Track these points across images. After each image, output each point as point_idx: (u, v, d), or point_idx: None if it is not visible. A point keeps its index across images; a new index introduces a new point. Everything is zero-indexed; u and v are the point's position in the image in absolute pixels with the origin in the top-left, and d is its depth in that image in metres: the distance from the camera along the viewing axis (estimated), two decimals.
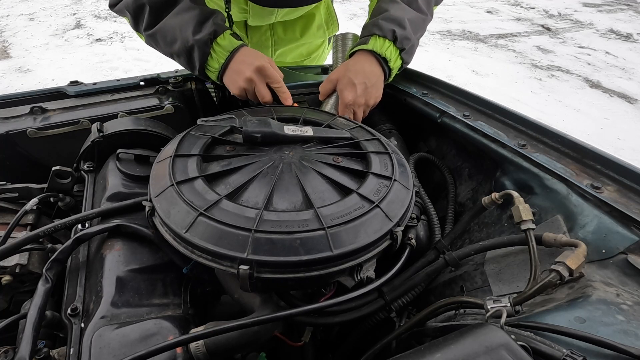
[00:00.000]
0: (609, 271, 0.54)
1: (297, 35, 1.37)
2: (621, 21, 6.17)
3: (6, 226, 0.66)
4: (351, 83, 0.88)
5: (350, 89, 0.87)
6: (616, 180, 0.63)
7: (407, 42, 0.90)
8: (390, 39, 0.88)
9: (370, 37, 0.90)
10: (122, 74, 3.81)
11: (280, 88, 0.87)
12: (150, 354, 0.44)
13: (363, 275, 0.57)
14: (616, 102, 3.86)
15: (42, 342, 0.53)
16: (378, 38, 0.89)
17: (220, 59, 0.87)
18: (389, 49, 0.89)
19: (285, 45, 1.39)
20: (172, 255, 0.60)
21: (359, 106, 0.89)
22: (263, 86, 0.87)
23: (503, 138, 0.76)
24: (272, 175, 0.61)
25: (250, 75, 0.85)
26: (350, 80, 0.88)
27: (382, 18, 0.91)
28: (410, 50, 0.93)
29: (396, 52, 0.90)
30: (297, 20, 1.34)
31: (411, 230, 0.69)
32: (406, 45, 0.90)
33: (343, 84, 0.89)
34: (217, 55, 0.87)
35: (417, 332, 0.62)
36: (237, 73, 0.87)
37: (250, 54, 0.88)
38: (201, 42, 0.85)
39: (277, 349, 0.70)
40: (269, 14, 1.21)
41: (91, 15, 5.50)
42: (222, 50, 0.86)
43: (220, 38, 0.86)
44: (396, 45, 0.89)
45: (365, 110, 0.92)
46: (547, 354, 0.41)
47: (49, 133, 0.91)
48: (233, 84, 0.88)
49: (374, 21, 0.92)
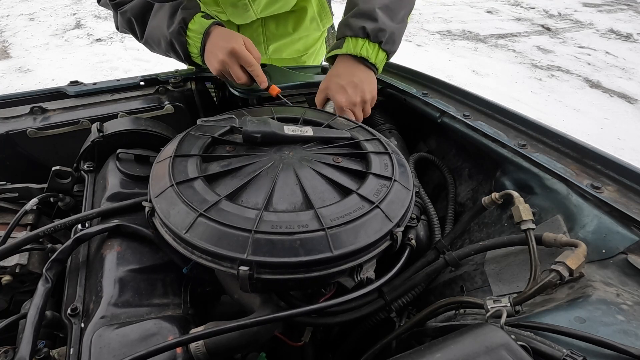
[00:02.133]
0: (609, 271, 0.54)
1: (290, 30, 1.34)
2: (621, 21, 6.16)
3: (6, 226, 0.66)
4: (339, 86, 0.87)
5: (342, 93, 0.87)
6: (616, 180, 0.63)
7: (382, 33, 0.87)
8: (362, 37, 0.87)
9: (343, 40, 0.89)
10: (122, 74, 3.81)
11: (254, 70, 0.87)
12: (150, 354, 0.44)
13: (363, 275, 0.57)
14: (616, 102, 3.86)
15: (42, 342, 0.53)
16: (350, 39, 0.88)
17: (197, 43, 0.89)
18: (364, 47, 0.87)
19: (278, 41, 1.36)
20: (172, 255, 0.60)
21: (354, 105, 0.87)
22: (237, 68, 0.87)
23: (503, 138, 0.76)
24: (272, 176, 0.61)
25: (222, 58, 0.86)
26: (338, 84, 0.87)
27: (351, 15, 0.90)
28: (391, 39, 0.89)
29: (374, 47, 0.88)
30: (289, 15, 1.31)
31: (411, 230, 0.69)
32: (382, 37, 0.87)
33: (333, 90, 0.88)
34: (193, 40, 0.90)
35: (417, 332, 0.62)
36: (212, 55, 0.88)
37: (223, 35, 0.88)
38: (175, 33, 0.90)
39: (277, 349, 0.70)
40: (244, 10, 1.19)
41: (91, 15, 5.50)
42: (194, 34, 0.89)
43: (191, 23, 0.89)
44: (371, 41, 0.87)
45: (365, 107, 0.90)
46: (547, 354, 0.41)
47: (49, 133, 0.91)
48: (210, 65, 0.91)
49: (344, 20, 0.91)
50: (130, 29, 1.00)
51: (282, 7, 1.24)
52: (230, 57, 0.86)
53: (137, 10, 0.95)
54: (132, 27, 0.99)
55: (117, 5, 0.97)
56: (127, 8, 0.95)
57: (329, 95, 0.90)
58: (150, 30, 0.96)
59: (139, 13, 0.95)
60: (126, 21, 0.98)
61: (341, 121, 0.82)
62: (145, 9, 0.94)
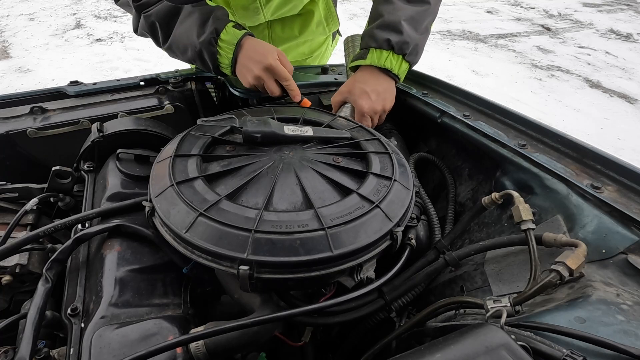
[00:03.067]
0: (609, 271, 0.54)
1: (296, 33, 1.34)
2: (621, 21, 6.17)
3: (6, 226, 0.66)
4: (364, 92, 0.88)
5: (365, 98, 0.87)
6: (616, 180, 0.63)
7: (406, 46, 0.88)
8: (387, 49, 0.88)
9: (367, 51, 0.90)
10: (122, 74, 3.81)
11: (289, 85, 0.88)
12: (150, 354, 0.44)
13: (363, 275, 0.57)
14: (616, 102, 3.86)
15: (42, 342, 0.53)
16: (375, 51, 0.88)
17: (228, 54, 0.88)
18: (388, 58, 0.88)
19: (284, 44, 1.37)
20: (172, 255, 0.60)
21: (375, 113, 0.89)
22: (272, 83, 0.87)
23: (503, 138, 0.76)
24: (272, 176, 0.61)
25: (258, 74, 0.86)
26: (362, 89, 0.88)
27: (376, 26, 0.90)
28: (415, 51, 0.91)
29: (397, 59, 0.89)
30: (295, 18, 1.31)
31: (411, 230, 0.69)
32: (406, 49, 0.88)
33: (356, 94, 0.88)
34: (224, 51, 0.88)
35: (417, 332, 0.61)
36: (246, 69, 0.88)
37: (257, 48, 0.88)
38: (206, 43, 0.87)
39: (277, 349, 0.70)
40: (255, 13, 1.19)
41: (91, 15, 5.50)
42: (227, 45, 0.87)
43: (223, 33, 0.87)
44: (396, 53, 0.88)
45: (382, 116, 0.92)
46: (547, 354, 0.41)
47: (49, 133, 0.91)
48: (243, 79, 0.90)
49: (369, 31, 0.91)
50: (151, 33, 0.97)
51: (290, 10, 1.25)
52: (267, 72, 0.86)
53: (163, 14, 0.92)
54: (155, 32, 0.96)
55: (141, 7, 0.94)
56: (152, 12, 0.92)
57: (351, 99, 0.90)
58: (177, 37, 0.93)
59: (165, 18, 0.92)
60: (149, 25, 0.95)
61: (341, 121, 0.82)
62: (172, 14, 0.92)
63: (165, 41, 0.95)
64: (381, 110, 0.90)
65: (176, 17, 0.92)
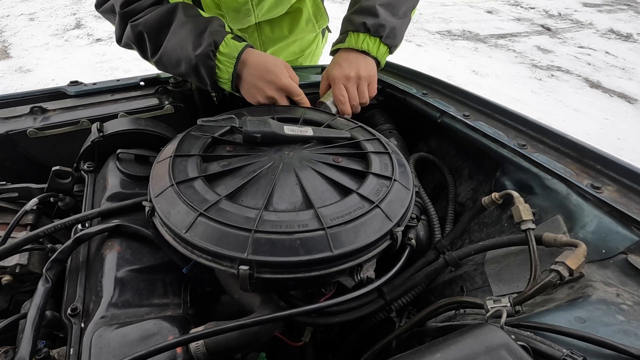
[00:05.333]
0: (609, 271, 0.54)
1: (286, 33, 1.32)
2: (621, 21, 6.17)
3: (6, 226, 0.66)
4: (336, 63, 0.91)
5: (336, 68, 0.90)
6: (616, 180, 0.63)
7: (382, 29, 0.89)
8: (363, 32, 0.89)
9: (346, 35, 0.92)
10: (122, 74, 3.81)
11: (301, 100, 0.87)
12: (150, 354, 0.44)
13: (363, 275, 0.57)
14: (616, 102, 3.86)
15: (42, 342, 0.53)
16: (352, 34, 0.90)
17: (229, 69, 0.81)
18: (365, 41, 0.90)
19: (274, 45, 1.34)
20: (172, 255, 0.60)
21: (348, 79, 0.88)
22: (284, 100, 0.86)
23: (503, 138, 0.76)
24: (272, 176, 0.61)
25: (271, 95, 0.83)
26: (336, 62, 0.91)
27: (353, 12, 0.92)
28: (392, 34, 0.91)
29: (374, 41, 0.90)
30: (284, 17, 1.29)
31: (411, 230, 0.69)
32: (382, 32, 0.89)
33: (329, 68, 0.91)
34: (224, 65, 0.81)
35: (417, 332, 0.61)
36: (257, 89, 0.83)
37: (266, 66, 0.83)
38: (203, 56, 0.80)
39: (277, 349, 0.70)
40: (246, 15, 1.16)
41: (91, 15, 5.49)
42: (226, 59, 0.81)
43: (222, 46, 0.80)
44: (372, 35, 0.89)
45: (360, 84, 0.90)
46: (547, 354, 0.41)
47: (49, 133, 0.91)
48: (251, 98, 0.86)
49: (347, 17, 0.94)
50: (138, 44, 0.89)
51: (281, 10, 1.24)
52: (280, 92, 0.84)
53: (153, 24, 0.84)
54: (142, 43, 0.88)
55: (127, 15, 0.86)
56: (140, 21, 0.85)
57: (327, 75, 0.91)
58: (168, 50, 0.84)
59: (155, 28, 0.84)
60: (136, 35, 0.86)
61: (341, 121, 0.82)
62: (163, 24, 0.84)
63: (154, 54, 0.87)
64: (355, 77, 0.88)
65: (167, 28, 0.84)
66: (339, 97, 0.88)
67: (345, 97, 0.88)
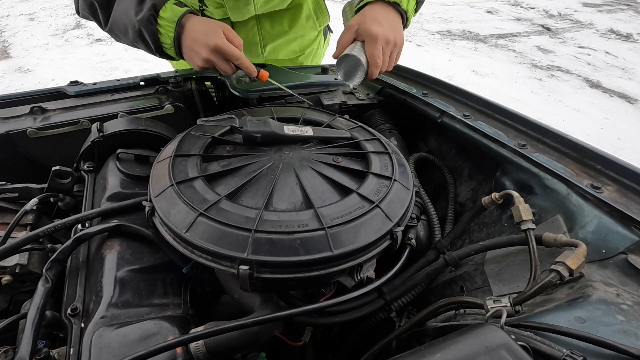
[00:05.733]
0: (609, 271, 0.54)
1: (286, 28, 1.31)
2: (621, 21, 6.17)
3: (6, 226, 0.66)
4: (375, 19, 0.81)
5: (377, 25, 0.80)
6: (616, 180, 0.63)
7: None
8: None
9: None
10: (122, 74, 3.81)
11: (242, 63, 0.83)
12: (150, 354, 0.44)
13: (363, 275, 0.57)
14: (616, 102, 3.86)
15: (42, 342, 0.53)
16: None
17: (170, 33, 0.82)
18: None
19: (274, 40, 1.33)
20: (172, 255, 0.60)
21: (388, 42, 0.81)
22: (222, 63, 0.83)
23: (503, 138, 0.76)
24: (272, 175, 0.61)
25: (206, 57, 0.81)
26: (374, 17, 0.81)
27: None
28: None
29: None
30: (284, 12, 1.28)
31: (411, 230, 0.69)
32: None
33: (367, 23, 0.81)
34: (165, 30, 0.82)
35: (417, 332, 0.61)
36: (193, 52, 0.82)
37: (201, 28, 0.82)
38: (144, 20, 0.81)
39: (277, 349, 0.70)
40: (245, 4, 1.15)
41: None
42: (167, 23, 0.82)
43: (162, 10, 0.81)
44: None
45: (394, 52, 0.84)
46: (547, 354, 0.41)
47: (49, 133, 0.91)
48: (192, 62, 0.85)
49: None
50: (92, 14, 0.91)
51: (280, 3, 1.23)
52: (215, 53, 0.81)
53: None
54: (95, 13, 0.90)
55: None
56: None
57: (361, 29, 0.82)
58: (116, 17, 0.86)
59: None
60: (88, 5, 0.89)
61: (341, 121, 0.82)
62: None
63: (106, 23, 0.89)
64: (393, 43, 0.82)
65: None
66: (376, 59, 0.80)
67: (381, 61, 0.81)
